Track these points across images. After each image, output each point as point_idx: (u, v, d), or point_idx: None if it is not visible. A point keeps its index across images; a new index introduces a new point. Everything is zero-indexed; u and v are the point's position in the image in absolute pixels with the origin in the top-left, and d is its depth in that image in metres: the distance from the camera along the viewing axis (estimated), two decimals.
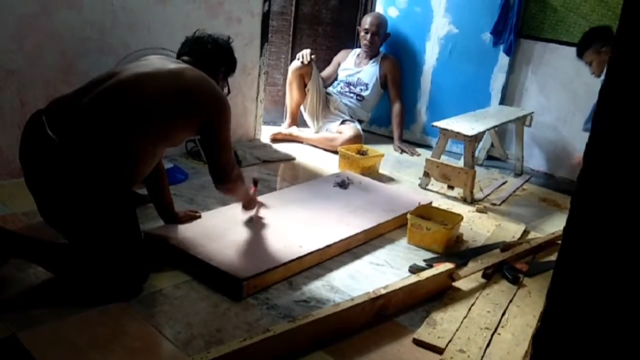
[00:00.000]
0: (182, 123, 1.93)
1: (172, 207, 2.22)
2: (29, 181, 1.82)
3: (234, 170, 2.06)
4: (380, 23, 4.05)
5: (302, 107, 4.01)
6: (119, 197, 1.81)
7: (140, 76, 1.89)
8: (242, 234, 2.19)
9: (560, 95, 3.71)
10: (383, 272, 2.19)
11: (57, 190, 1.76)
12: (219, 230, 2.20)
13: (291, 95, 3.95)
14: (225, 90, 2.19)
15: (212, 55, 2.10)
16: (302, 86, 3.90)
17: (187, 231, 2.14)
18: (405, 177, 3.42)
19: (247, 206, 2.34)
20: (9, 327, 1.58)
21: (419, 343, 1.74)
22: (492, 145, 3.91)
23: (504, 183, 3.48)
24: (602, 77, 2.87)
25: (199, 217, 2.28)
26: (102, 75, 1.91)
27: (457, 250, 2.44)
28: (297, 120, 4.04)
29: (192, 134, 2.03)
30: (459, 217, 2.51)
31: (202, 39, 2.12)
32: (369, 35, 4.01)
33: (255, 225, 2.29)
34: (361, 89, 4.08)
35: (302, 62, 3.83)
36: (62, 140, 1.73)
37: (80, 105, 1.80)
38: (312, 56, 3.83)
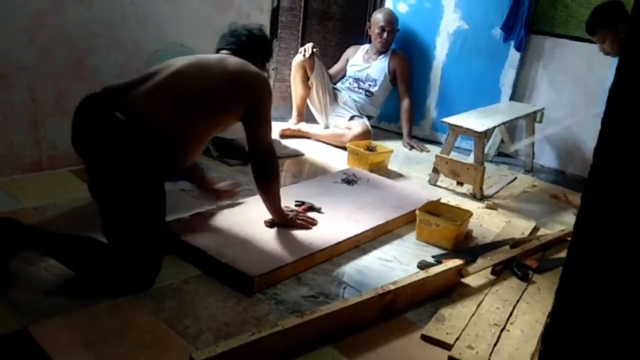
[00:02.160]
0: (232, 107, 2.01)
1: (210, 183, 2.41)
2: (84, 156, 1.87)
3: (272, 147, 2.14)
4: (394, 20, 4.04)
5: (308, 102, 4.01)
6: (161, 184, 1.87)
7: (192, 66, 1.98)
8: (252, 230, 2.19)
9: (571, 91, 3.68)
10: (392, 268, 2.19)
11: (111, 168, 1.80)
12: (230, 226, 2.20)
13: (295, 89, 3.95)
14: (266, 75, 2.25)
15: (248, 45, 2.18)
16: (305, 79, 3.90)
17: (198, 226, 2.15)
18: (414, 173, 3.41)
19: (282, 222, 2.25)
20: (19, 320, 1.59)
21: (427, 339, 1.74)
22: (502, 141, 3.89)
23: (513, 179, 3.46)
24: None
25: (237, 192, 2.47)
26: (151, 71, 1.96)
27: (466, 247, 2.43)
28: (304, 115, 4.03)
29: (238, 118, 2.07)
30: (468, 214, 2.50)
31: (236, 32, 2.20)
32: (385, 34, 4.00)
33: (264, 221, 2.29)
34: (370, 85, 4.07)
35: (303, 56, 3.82)
36: (128, 119, 1.77)
37: (140, 92, 1.86)
38: (315, 49, 3.83)
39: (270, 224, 2.23)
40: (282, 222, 2.24)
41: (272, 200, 2.19)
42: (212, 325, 1.69)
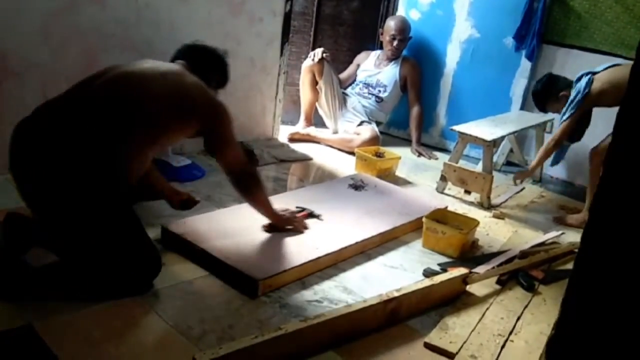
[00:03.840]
0: (176, 127, 1.91)
1: (164, 187, 2.26)
2: (22, 190, 1.78)
3: (246, 163, 2.07)
4: (407, 28, 4.04)
5: (317, 106, 4.02)
6: (110, 199, 1.77)
7: (131, 75, 1.87)
8: (258, 233, 2.20)
9: None
10: (397, 274, 2.18)
11: (50, 198, 1.73)
12: (236, 227, 2.21)
13: (304, 93, 3.96)
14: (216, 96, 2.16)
15: (206, 62, 2.10)
16: (314, 84, 3.90)
17: (203, 228, 2.15)
18: (422, 180, 3.40)
19: (278, 223, 2.22)
20: (25, 315, 1.60)
21: (430, 347, 1.73)
22: (511, 150, 3.88)
23: (521, 190, 3.45)
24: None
25: (196, 202, 2.30)
26: (92, 74, 1.88)
27: (472, 255, 2.42)
28: (312, 120, 4.04)
29: (186, 137, 2.02)
30: (475, 222, 2.50)
31: (198, 47, 2.14)
32: (396, 42, 4.00)
33: (262, 226, 2.28)
34: (380, 91, 4.07)
35: (312, 60, 3.83)
36: (46, 146, 1.70)
37: (67, 108, 1.77)
38: (325, 54, 3.84)
39: (267, 228, 2.22)
40: (278, 222, 2.22)
41: (261, 207, 2.16)
42: (216, 326, 1.69)
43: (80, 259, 1.77)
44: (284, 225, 2.23)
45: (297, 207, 2.44)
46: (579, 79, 2.92)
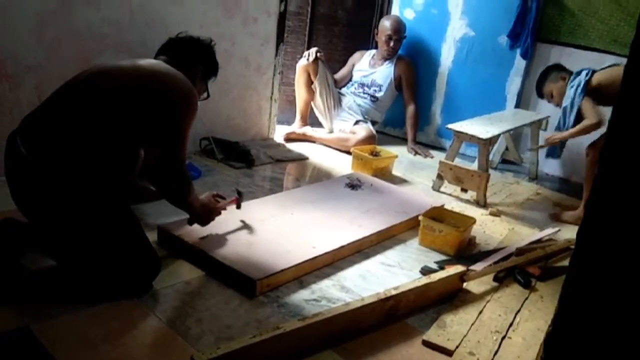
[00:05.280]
0: (144, 119, 1.80)
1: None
2: (16, 198, 1.78)
3: (182, 171, 1.90)
4: (402, 28, 4.05)
5: (313, 106, 4.02)
6: (106, 200, 1.76)
7: (106, 70, 1.84)
8: (255, 233, 2.20)
9: None
10: (394, 273, 2.19)
11: (47, 203, 1.72)
12: (232, 228, 2.21)
13: (299, 92, 3.96)
14: (204, 95, 2.12)
15: (188, 53, 2.02)
16: (309, 83, 3.91)
17: (200, 228, 2.15)
18: (418, 179, 3.41)
19: (198, 217, 2.06)
20: (22, 318, 1.60)
21: (428, 344, 1.73)
22: (506, 148, 3.89)
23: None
24: (564, 104, 2.94)
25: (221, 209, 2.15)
26: (75, 75, 1.87)
27: (469, 253, 2.43)
28: (307, 120, 4.04)
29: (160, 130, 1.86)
30: (471, 220, 2.50)
31: (181, 39, 2.07)
32: (392, 42, 4.00)
33: (268, 224, 2.29)
34: (375, 90, 4.07)
35: (307, 60, 3.83)
36: (30, 154, 1.69)
37: (44, 115, 1.76)
38: (319, 54, 3.84)
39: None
40: (201, 219, 2.07)
41: (186, 208, 2.01)
42: (214, 327, 1.69)
43: (79, 262, 1.77)
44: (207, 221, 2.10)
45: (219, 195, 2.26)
46: (579, 72, 2.93)
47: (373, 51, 4.21)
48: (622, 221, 1.25)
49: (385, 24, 4.04)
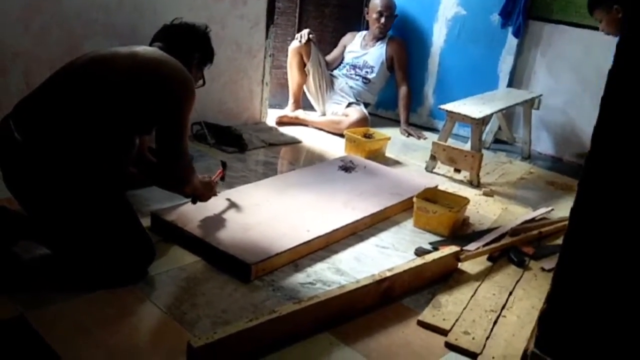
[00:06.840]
0: (142, 107, 1.79)
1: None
2: (10, 187, 1.77)
3: (188, 158, 1.94)
4: (392, 5, 4.01)
5: (305, 89, 3.99)
6: (100, 187, 1.76)
7: (102, 57, 1.82)
8: (249, 217, 2.20)
9: (569, 77, 3.66)
10: (388, 254, 2.19)
11: (41, 190, 1.71)
12: (226, 212, 2.20)
13: (292, 75, 3.93)
14: (200, 82, 2.11)
15: (184, 40, 2.00)
16: (302, 66, 3.88)
17: (194, 213, 2.14)
18: (411, 160, 3.41)
19: (201, 195, 2.12)
20: (17, 306, 1.59)
21: (424, 325, 1.75)
22: (499, 128, 3.89)
23: None
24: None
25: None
26: (70, 61, 1.84)
27: (463, 234, 2.44)
28: (300, 103, 4.02)
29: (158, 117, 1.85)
30: (465, 201, 2.51)
31: (176, 25, 2.05)
32: (383, 19, 3.97)
33: (262, 208, 2.29)
34: (367, 72, 4.05)
35: (299, 42, 3.80)
36: (25, 139, 1.68)
37: (39, 100, 1.75)
38: (311, 35, 3.80)
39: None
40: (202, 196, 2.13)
41: (184, 193, 2.08)
42: (210, 311, 1.69)
43: (73, 249, 1.76)
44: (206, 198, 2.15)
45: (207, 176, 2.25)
46: None
47: (364, 32, 4.18)
48: (616, 199, 1.25)
49: (376, 1, 4.01)
